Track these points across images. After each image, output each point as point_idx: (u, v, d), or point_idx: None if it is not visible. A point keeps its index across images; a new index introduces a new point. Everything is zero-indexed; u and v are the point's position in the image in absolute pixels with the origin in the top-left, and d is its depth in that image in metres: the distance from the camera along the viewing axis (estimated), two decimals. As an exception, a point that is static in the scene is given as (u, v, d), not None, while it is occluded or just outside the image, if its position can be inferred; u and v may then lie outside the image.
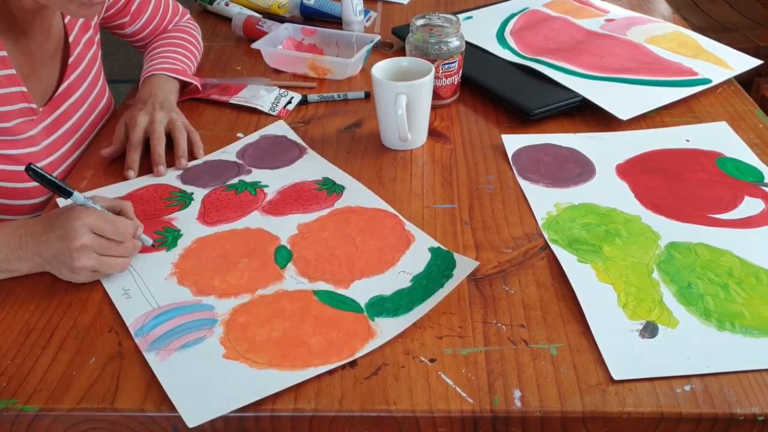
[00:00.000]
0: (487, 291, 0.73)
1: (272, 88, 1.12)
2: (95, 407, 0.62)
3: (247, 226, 0.82)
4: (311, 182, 0.87)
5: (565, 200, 0.86)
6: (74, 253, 0.72)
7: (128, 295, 0.74)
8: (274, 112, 1.07)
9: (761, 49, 2.02)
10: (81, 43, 1.02)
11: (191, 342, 0.68)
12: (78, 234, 0.72)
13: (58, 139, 0.98)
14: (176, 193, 0.90)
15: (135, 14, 1.13)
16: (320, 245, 0.76)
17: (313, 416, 0.61)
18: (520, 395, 0.61)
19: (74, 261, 0.72)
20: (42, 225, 0.75)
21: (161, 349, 0.67)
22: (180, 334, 0.69)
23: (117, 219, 0.75)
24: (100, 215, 0.74)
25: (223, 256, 0.78)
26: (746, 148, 0.94)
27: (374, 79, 0.94)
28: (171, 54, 1.12)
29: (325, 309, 0.69)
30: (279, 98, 1.10)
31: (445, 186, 0.90)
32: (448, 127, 1.03)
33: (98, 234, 0.73)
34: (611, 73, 1.10)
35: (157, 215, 0.86)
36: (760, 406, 0.60)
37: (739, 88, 1.10)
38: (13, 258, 0.74)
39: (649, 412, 0.60)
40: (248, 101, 1.09)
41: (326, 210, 0.82)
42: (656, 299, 0.70)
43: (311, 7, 1.39)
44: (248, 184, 0.89)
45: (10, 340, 0.69)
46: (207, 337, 0.68)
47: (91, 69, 1.06)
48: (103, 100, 1.10)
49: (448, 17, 1.05)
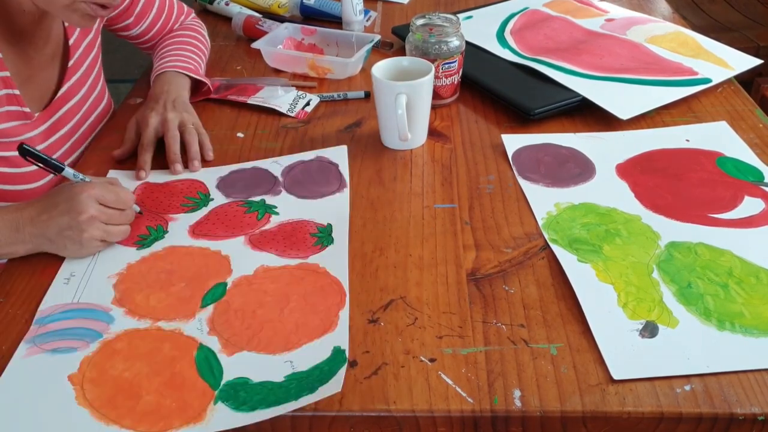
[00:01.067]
0: (487, 291, 0.73)
1: (290, 89, 1.12)
2: (95, 407, 0.62)
3: (219, 250, 0.80)
4: (313, 225, 0.84)
5: (565, 200, 0.86)
6: (83, 225, 0.75)
7: (68, 282, 0.75)
8: (292, 114, 1.07)
9: (761, 49, 2.03)
10: (82, 47, 1.02)
11: (63, 349, 0.67)
12: (85, 206, 0.75)
13: (55, 141, 0.98)
14: (201, 195, 0.90)
15: (139, 15, 1.13)
16: (254, 297, 0.73)
17: (313, 416, 0.61)
18: (520, 395, 0.61)
19: (83, 233, 0.75)
20: (40, 206, 0.77)
21: (37, 345, 0.67)
22: (64, 336, 0.68)
23: (117, 188, 0.80)
24: (102, 185, 0.78)
25: (169, 273, 0.77)
26: (746, 148, 0.94)
27: (374, 78, 0.94)
28: (181, 52, 1.12)
29: (190, 369, 0.65)
30: (297, 99, 1.10)
31: (445, 186, 0.90)
32: (448, 126, 1.03)
33: (103, 204, 0.77)
34: (611, 72, 1.10)
35: (166, 211, 0.87)
36: (760, 406, 0.60)
37: (739, 88, 1.10)
38: (8, 242, 0.76)
39: (649, 411, 0.60)
40: (266, 102, 1.09)
41: (298, 260, 0.78)
42: (656, 299, 0.70)
43: (311, 7, 1.39)
44: (264, 205, 0.87)
45: (10, 340, 0.69)
46: (78, 350, 0.67)
47: (91, 72, 1.06)
48: (103, 102, 1.10)
49: (448, 17, 1.05)
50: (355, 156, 0.97)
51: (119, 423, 0.60)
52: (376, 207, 0.86)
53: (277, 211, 0.87)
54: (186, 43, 1.15)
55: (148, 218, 0.85)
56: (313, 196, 0.89)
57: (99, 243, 0.77)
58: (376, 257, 0.78)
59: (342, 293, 0.73)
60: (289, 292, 0.74)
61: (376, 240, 0.81)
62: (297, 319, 0.70)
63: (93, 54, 1.06)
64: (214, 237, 0.82)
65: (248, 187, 0.91)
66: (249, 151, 0.99)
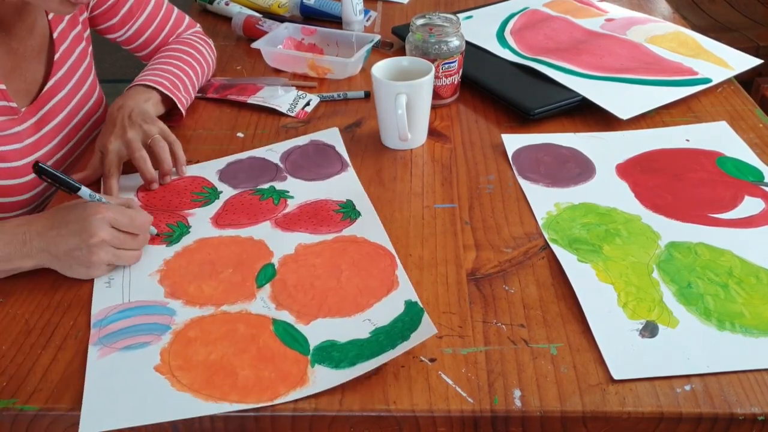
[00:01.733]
0: (487, 291, 0.73)
1: (290, 89, 1.12)
2: (95, 407, 0.62)
3: (251, 236, 0.81)
4: (334, 202, 0.86)
5: (565, 200, 0.86)
6: (93, 248, 0.72)
7: (109, 285, 0.75)
8: (292, 113, 1.07)
9: (761, 49, 2.03)
10: (68, 40, 1.00)
11: (136, 345, 0.67)
12: (97, 229, 0.72)
13: (43, 136, 0.97)
14: (207, 189, 0.90)
15: (125, 17, 1.07)
16: (306, 271, 0.75)
17: (313, 416, 0.61)
18: (520, 395, 0.61)
19: (92, 255, 0.73)
20: (51, 221, 0.74)
21: (106, 345, 0.67)
22: (131, 334, 0.69)
23: (133, 212, 0.77)
24: (117, 209, 0.75)
25: (211, 262, 0.77)
26: (746, 148, 0.94)
27: (374, 78, 0.94)
28: (162, 66, 1.04)
29: (274, 342, 0.67)
30: (297, 99, 1.10)
31: (445, 185, 0.90)
32: (448, 126, 1.03)
33: (115, 228, 0.74)
34: (611, 72, 1.10)
35: (179, 208, 0.87)
36: (760, 406, 0.60)
37: (739, 88, 1.10)
38: (16, 256, 0.74)
39: (649, 411, 0.60)
40: (266, 101, 1.09)
41: (332, 235, 0.80)
42: (656, 299, 0.70)
43: (311, 7, 1.39)
44: (276, 191, 0.89)
45: (10, 340, 0.69)
46: (152, 344, 0.67)
47: (80, 65, 1.03)
48: (93, 97, 1.07)
49: (448, 17, 1.05)
50: (355, 156, 0.97)
51: (227, 399, 0.62)
52: (376, 207, 0.86)
53: (290, 195, 0.88)
54: (173, 58, 1.07)
55: (166, 216, 0.85)
56: (320, 178, 0.91)
57: (107, 267, 0.75)
58: (376, 257, 0.78)
59: (390, 256, 0.76)
60: (338, 262, 0.76)
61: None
62: (357, 284, 0.72)
63: (81, 47, 1.03)
64: (239, 225, 0.83)
65: (252, 177, 0.92)
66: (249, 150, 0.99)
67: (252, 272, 0.76)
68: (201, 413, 0.61)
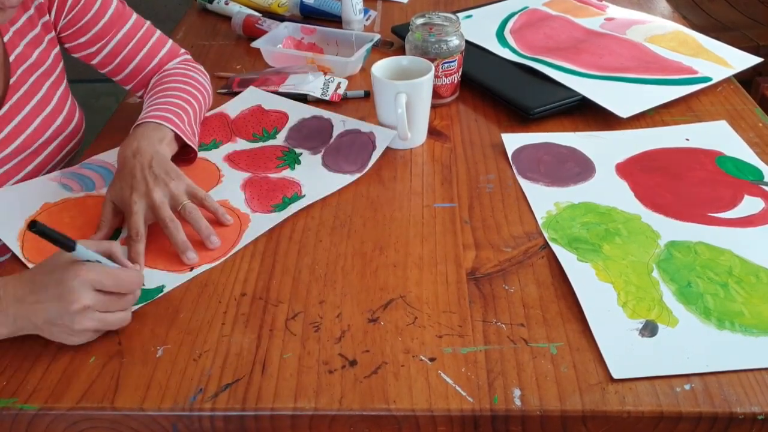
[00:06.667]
0: (486, 290, 0.73)
1: (318, 74, 1.13)
2: (95, 406, 0.62)
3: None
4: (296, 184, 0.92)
5: (564, 199, 0.86)
6: (75, 316, 0.65)
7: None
8: (326, 97, 1.09)
9: (761, 48, 2.02)
10: (28, 61, 0.92)
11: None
12: (78, 294, 0.64)
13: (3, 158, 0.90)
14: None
15: (96, 37, 0.98)
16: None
17: (313, 415, 0.61)
18: (519, 394, 0.61)
19: (75, 324, 0.65)
20: (28, 285, 0.66)
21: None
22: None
23: (119, 270, 0.68)
24: (101, 269, 0.67)
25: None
26: (746, 147, 0.94)
27: (374, 78, 0.94)
28: (169, 100, 0.95)
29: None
30: (327, 83, 1.11)
31: (444, 185, 0.90)
32: (447, 126, 1.03)
33: (99, 290, 0.66)
34: (611, 72, 1.10)
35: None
36: (759, 405, 0.60)
37: (738, 87, 1.10)
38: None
39: (648, 411, 0.60)
40: (298, 88, 1.10)
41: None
42: (656, 298, 0.70)
43: (311, 6, 1.39)
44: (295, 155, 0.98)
45: (10, 339, 0.69)
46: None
47: (44, 83, 0.95)
48: (63, 113, 0.98)
49: (447, 16, 1.05)
50: (354, 155, 0.97)
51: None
52: (376, 206, 0.86)
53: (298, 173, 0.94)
54: (177, 89, 0.98)
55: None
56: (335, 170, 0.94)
57: (93, 333, 0.67)
58: (376, 256, 0.78)
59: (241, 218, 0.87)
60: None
61: (375, 239, 0.81)
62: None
63: (41, 70, 0.94)
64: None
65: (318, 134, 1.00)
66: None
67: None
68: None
